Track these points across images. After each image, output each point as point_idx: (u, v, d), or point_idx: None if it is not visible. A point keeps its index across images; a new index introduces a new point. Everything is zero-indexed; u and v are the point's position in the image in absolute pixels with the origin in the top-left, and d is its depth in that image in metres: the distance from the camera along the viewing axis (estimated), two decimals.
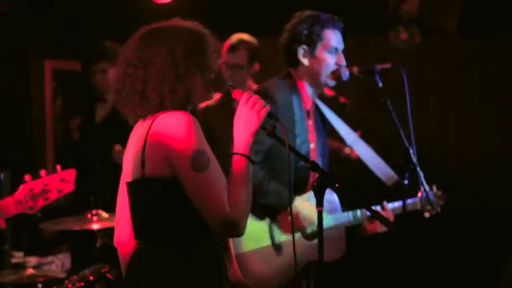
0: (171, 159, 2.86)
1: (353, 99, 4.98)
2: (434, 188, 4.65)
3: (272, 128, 2.99)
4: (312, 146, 4.38)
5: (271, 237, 4.22)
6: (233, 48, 5.35)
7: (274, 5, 6.30)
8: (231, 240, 4.07)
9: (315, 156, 4.39)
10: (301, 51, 4.29)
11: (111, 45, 5.93)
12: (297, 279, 4.24)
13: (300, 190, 4.28)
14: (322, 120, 4.52)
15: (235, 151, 2.93)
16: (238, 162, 2.91)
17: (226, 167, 2.94)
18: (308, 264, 4.26)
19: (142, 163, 2.93)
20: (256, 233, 4.17)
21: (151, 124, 2.93)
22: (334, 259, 4.36)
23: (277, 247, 4.22)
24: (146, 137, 2.93)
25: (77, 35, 6.94)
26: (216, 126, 5.12)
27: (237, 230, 2.86)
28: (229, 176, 2.90)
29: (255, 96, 2.98)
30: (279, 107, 4.14)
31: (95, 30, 6.87)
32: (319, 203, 2.88)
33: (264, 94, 4.10)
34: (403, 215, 4.40)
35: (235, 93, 3.05)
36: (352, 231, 4.47)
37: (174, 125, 2.87)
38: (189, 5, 5.60)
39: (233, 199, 2.85)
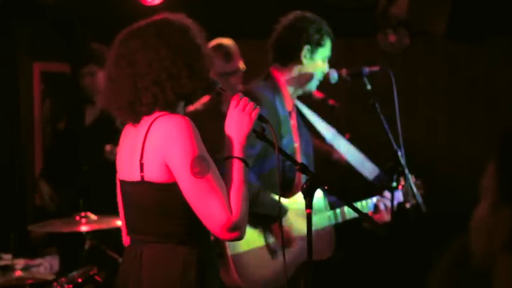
0: (171, 165, 2.86)
1: (341, 101, 4.98)
2: (413, 178, 4.65)
3: (262, 130, 2.99)
4: (295, 145, 4.40)
5: (266, 239, 4.23)
6: (231, 55, 5.34)
7: (264, 7, 6.30)
8: (227, 244, 4.08)
9: (299, 156, 4.41)
10: (305, 49, 4.30)
11: (99, 47, 5.92)
12: (293, 280, 4.25)
13: (287, 190, 4.29)
14: (303, 119, 4.55)
15: (230, 155, 2.93)
16: (235, 166, 2.91)
17: (219, 171, 2.94)
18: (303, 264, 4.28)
19: (141, 167, 2.94)
20: (252, 235, 4.18)
21: (150, 127, 2.92)
22: (326, 257, 4.40)
23: (272, 249, 4.23)
24: (144, 140, 2.93)
25: (66, 37, 6.93)
26: (205, 129, 5.12)
27: (240, 233, 2.85)
28: (227, 180, 2.89)
29: (245, 98, 2.97)
30: (266, 108, 4.16)
31: (84, 32, 6.85)
32: (309, 206, 2.88)
33: (249, 96, 4.13)
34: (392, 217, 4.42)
35: (226, 96, 3.05)
36: (351, 226, 4.50)
37: (173, 131, 2.86)
38: (177, 7, 5.59)
39: (234, 203, 2.84)
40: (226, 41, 5.42)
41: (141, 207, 3.01)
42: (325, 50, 4.34)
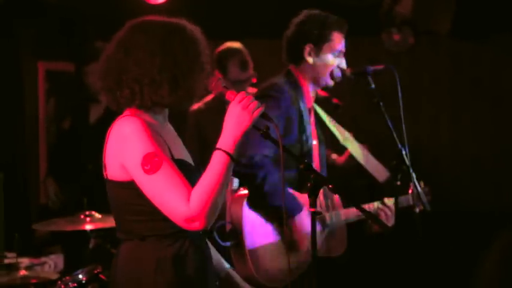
0: (126, 165, 2.91)
1: (346, 100, 4.98)
2: (422, 184, 4.66)
3: (266, 128, 2.97)
4: (314, 142, 4.41)
5: (282, 233, 4.22)
6: (247, 63, 5.31)
7: (267, 6, 6.30)
8: (244, 236, 4.08)
9: (317, 153, 4.42)
10: (307, 49, 4.31)
11: (103, 46, 5.92)
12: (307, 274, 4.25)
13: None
14: (318, 120, 4.56)
15: (220, 147, 2.91)
16: (219, 158, 2.89)
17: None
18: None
19: (105, 166, 3.02)
20: (269, 228, 4.18)
21: (111, 129, 3.00)
22: (340, 253, 4.41)
23: (289, 243, 4.21)
24: (106, 142, 3.01)
25: (70, 36, 6.93)
26: (208, 128, 5.12)
27: (202, 224, 2.85)
28: (206, 169, 2.89)
29: (249, 97, 2.96)
30: (290, 101, 4.19)
31: (88, 31, 6.86)
32: (313, 204, 2.88)
33: (274, 89, 4.19)
34: (396, 215, 4.42)
35: (229, 95, 3.03)
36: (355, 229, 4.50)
37: (124, 133, 2.92)
38: (182, 6, 5.60)
39: (200, 194, 2.84)
40: (239, 46, 5.37)
41: (112, 205, 3.10)
42: (332, 45, 4.33)
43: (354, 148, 4.78)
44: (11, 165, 6.62)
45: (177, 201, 2.83)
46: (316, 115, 4.56)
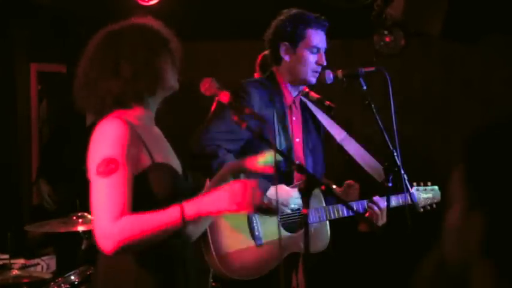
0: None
1: (338, 102, 5.00)
2: (429, 183, 4.74)
3: (260, 130, 2.98)
4: (297, 140, 4.42)
5: (251, 229, 4.22)
6: None
7: (259, 7, 6.31)
8: (209, 236, 4.08)
9: (302, 150, 4.43)
10: (283, 47, 4.35)
11: None
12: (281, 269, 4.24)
13: (288, 184, 4.28)
14: (312, 118, 4.57)
15: (185, 206, 2.78)
16: (173, 213, 2.77)
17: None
18: (290, 255, 4.28)
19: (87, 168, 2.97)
20: (236, 226, 4.18)
21: (93, 132, 2.96)
22: (320, 249, 4.41)
23: (257, 238, 4.21)
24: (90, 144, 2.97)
25: (62, 38, 6.94)
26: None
27: (109, 247, 2.72)
28: (156, 211, 2.76)
29: (248, 191, 2.79)
30: (254, 101, 4.20)
31: (80, 32, 6.87)
32: (306, 205, 2.89)
33: (241, 89, 4.20)
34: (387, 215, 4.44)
35: (222, 96, 3.04)
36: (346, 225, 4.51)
37: (97, 135, 2.89)
38: (174, 7, 5.60)
39: (132, 223, 2.73)
40: None
41: None
42: (307, 42, 4.35)
43: (352, 147, 4.78)
44: (3, 166, 6.62)
45: (105, 213, 2.73)
46: (306, 113, 4.57)
